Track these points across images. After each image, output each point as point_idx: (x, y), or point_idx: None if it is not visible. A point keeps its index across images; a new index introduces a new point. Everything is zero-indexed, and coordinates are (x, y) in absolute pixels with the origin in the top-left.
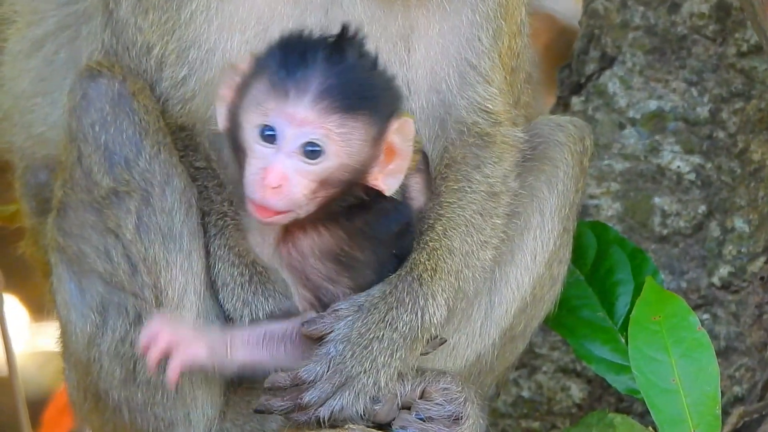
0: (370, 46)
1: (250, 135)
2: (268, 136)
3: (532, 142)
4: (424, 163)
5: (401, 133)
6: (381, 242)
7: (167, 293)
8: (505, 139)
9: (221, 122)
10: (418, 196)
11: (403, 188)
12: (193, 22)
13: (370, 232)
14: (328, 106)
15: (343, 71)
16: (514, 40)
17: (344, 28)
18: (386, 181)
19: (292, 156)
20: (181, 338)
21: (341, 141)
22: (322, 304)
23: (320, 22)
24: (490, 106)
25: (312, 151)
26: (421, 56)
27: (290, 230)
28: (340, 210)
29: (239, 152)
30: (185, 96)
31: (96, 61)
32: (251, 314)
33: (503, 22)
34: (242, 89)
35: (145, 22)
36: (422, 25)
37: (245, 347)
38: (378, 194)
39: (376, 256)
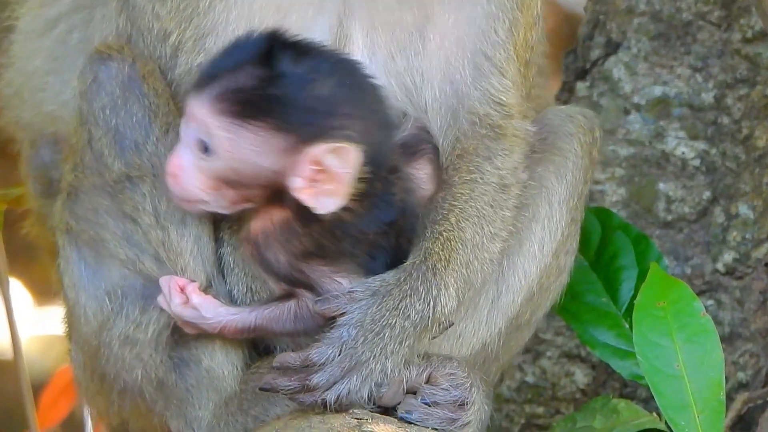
0: (349, 61)
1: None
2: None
3: (541, 133)
4: (433, 152)
5: (339, 158)
6: (359, 241)
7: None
8: (516, 132)
9: None
10: (426, 185)
11: (409, 178)
12: (212, 10)
13: (342, 234)
14: (219, 108)
15: (255, 79)
16: (530, 33)
17: (273, 35)
18: (319, 200)
19: (189, 148)
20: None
21: (228, 144)
22: (313, 290)
23: (338, 10)
24: (503, 98)
25: (204, 148)
26: (435, 46)
27: (250, 240)
28: (295, 217)
29: None
30: None
31: (106, 44)
32: (252, 298)
33: (520, 14)
34: None
35: (163, 9)
36: (437, 15)
37: (238, 332)
38: (365, 194)
39: (356, 250)
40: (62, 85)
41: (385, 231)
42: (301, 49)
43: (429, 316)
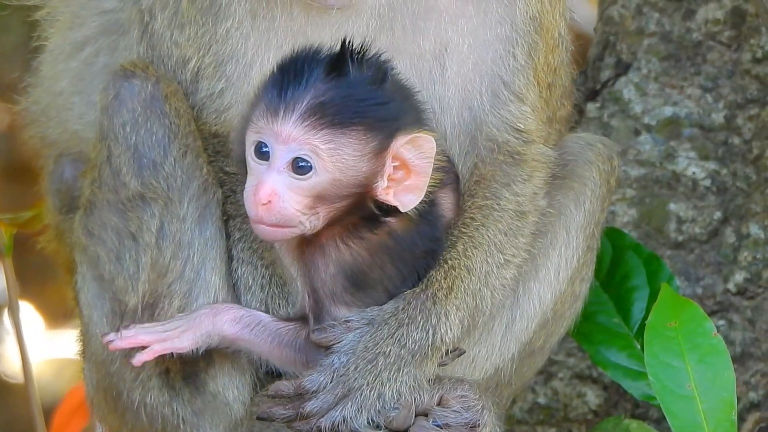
0: (383, 60)
1: (248, 152)
2: (263, 153)
3: (562, 160)
4: (454, 179)
5: (417, 149)
6: (405, 259)
7: (170, 301)
8: (536, 157)
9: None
10: (446, 213)
11: (435, 205)
12: (230, 37)
13: (395, 248)
14: (314, 122)
15: (335, 87)
16: (551, 56)
17: (344, 44)
18: (401, 197)
19: (282, 172)
20: (162, 336)
21: (329, 156)
22: (318, 319)
23: (356, 39)
24: (522, 126)
25: (301, 167)
26: (453, 73)
27: (310, 241)
28: (362, 224)
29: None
30: (221, 107)
31: (131, 61)
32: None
33: (539, 37)
34: (250, 106)
35: (181, 36)
36: (453, 41)
37: (236, 324)
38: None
39: (398, 273)
40: (87, 107)
41: (426, 251)
42: (356, 55)
43: (428, 345)
